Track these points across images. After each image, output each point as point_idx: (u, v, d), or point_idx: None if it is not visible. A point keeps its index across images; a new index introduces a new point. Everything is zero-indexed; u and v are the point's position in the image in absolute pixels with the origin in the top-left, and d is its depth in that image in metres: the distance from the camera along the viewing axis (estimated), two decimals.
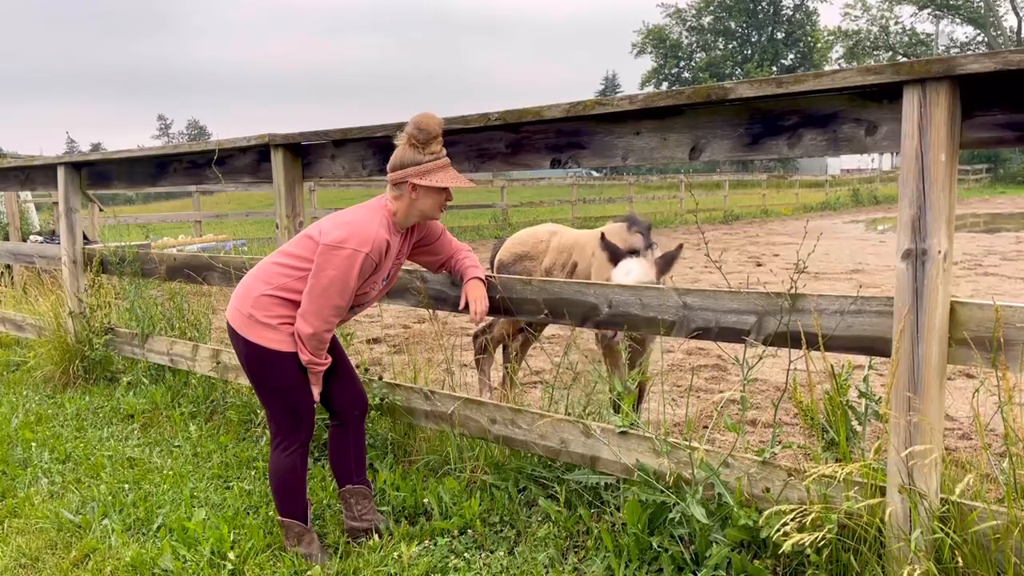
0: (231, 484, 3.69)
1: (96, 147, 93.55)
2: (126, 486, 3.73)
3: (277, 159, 4.00)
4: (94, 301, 5.57)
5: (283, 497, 2.94)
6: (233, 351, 4.49)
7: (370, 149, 3.68)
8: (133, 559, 2.98)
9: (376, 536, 3.06)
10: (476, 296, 3.14)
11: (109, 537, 3.22)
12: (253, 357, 2.82)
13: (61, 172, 5.57)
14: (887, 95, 2.23)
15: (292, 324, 2.80)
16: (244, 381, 4.49)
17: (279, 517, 2.98)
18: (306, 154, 4.02)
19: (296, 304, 2.80)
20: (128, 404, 4.92)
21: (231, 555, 2.95)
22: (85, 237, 5.97)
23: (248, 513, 3.36)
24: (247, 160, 4.35)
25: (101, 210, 11.93)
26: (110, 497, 3.59)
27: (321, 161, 3.94)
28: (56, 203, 9.79)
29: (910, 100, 2.11)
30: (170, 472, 3.86)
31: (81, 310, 5.55)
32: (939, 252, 2.12)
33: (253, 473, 3.80)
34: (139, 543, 3.16)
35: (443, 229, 3.17)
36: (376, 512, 3.15)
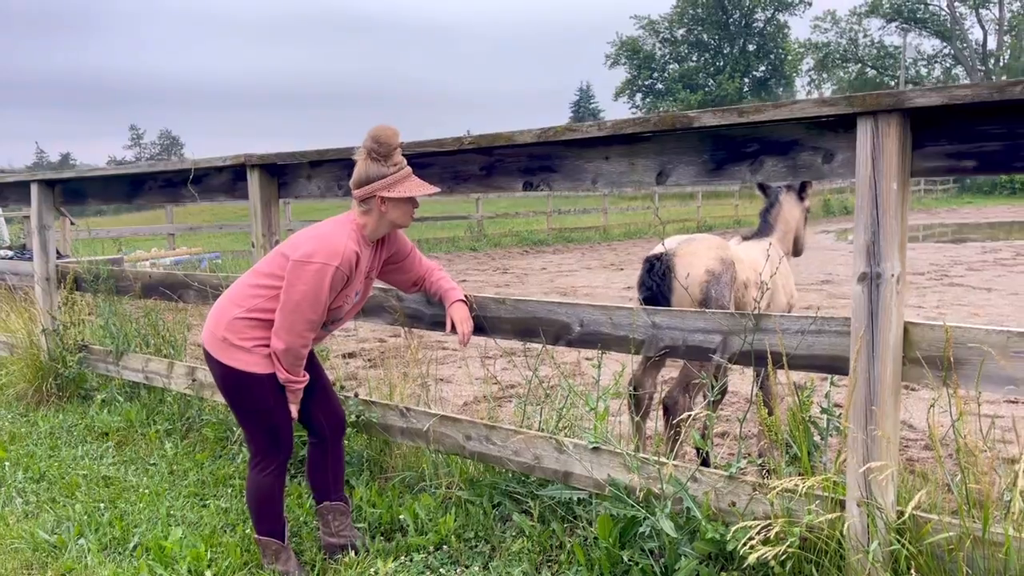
0: (208, 502, 3.71)
1: (66, 157, 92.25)
2: (102, 505, 3.73)
3: (253, 179, 4.04)
4: (67, 318, 5.56)
5: (260, 516, 2.97)
6: (207, 367, 4.51)
7: (346, 170, 3.72)
8: None
9: (352, 552, 3.10)
10: (461, 317, 3.19)
11: (85, 557, 3.23)
12: (229, 380, 2.84)
13: (35, 189, 5.56)
14: (842, 125, 2.33)
15: (267, 346, 2.83)
16: (220, 399, 4.51)
17: (256, 535, 3.01)
18: (282, 174, 4.06)
19: (270, 324, 2.82)
20: (102, 422, 4.91)
21: (208, 573, 2.98)
22: (57, 252, 5.95)
23: (225, 531, 3.38)
24: (223, 179, 4.38)
25: (73, 224, 11.86)
26: (85, 516, 3.60)
27: (297, 181, 3.99)
28: (27, 217, 9.71)
29: (863, 131, 2.21)
30: (146, 491, 3.87)
31: (54, 327, 5.53)
32: (892, 275, 2.22)
33: (230, 491, 3.82)
34: (115, 563, 3.18)
35: (412, 246, 3.21)
36: (353, 528, 3.20)
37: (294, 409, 2.94)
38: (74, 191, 5.54)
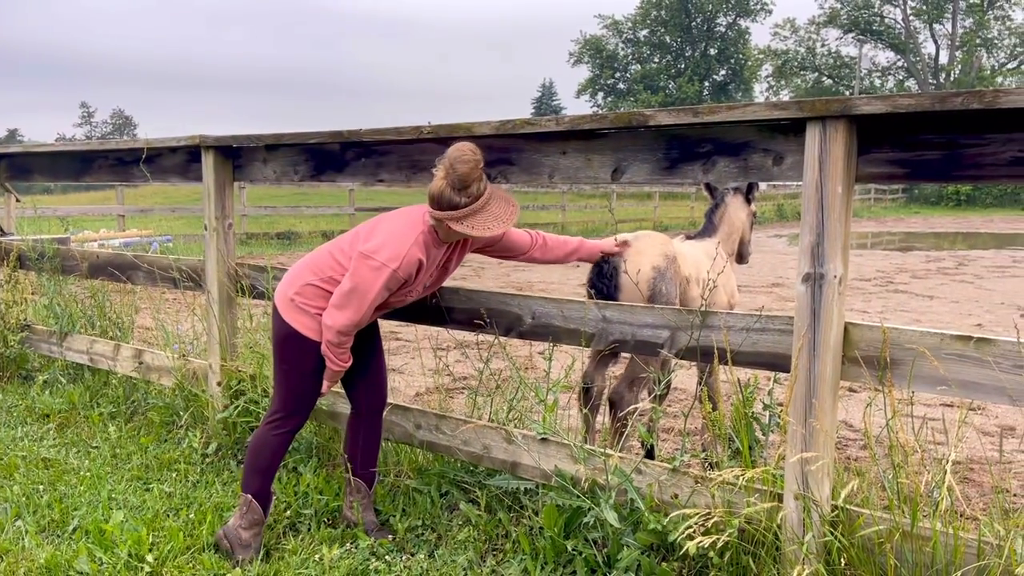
0: (151, 486, 3.66)
1: (13, 133, 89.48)
2: (40, 487, 3.66)
3: (208, 161, 3.99)
4: (9, 297, 5.42)
5: (252, 472, 3.03)
6: (154, 351, 4.45)
7: (303, 155, 3.70)
8: (48, 561, 2.94)
9: (347, 527, 3.20)
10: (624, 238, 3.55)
11: (23, 539, 3.16)
12: (283, 335, 2.95)
13: None
14: (793, 129, 2.39)
15: None
16: (167, 382, 4.45)
17: (243, 492, 3.04)
18: (237, 156, 4.01)
19: None
20: (44, 403, 4.80)
21: (149, 557, 2.94)
22: (0, 228, 5.80)
23: (168, 515, 3.34)
24: (177, 160, 4.31)
25: (19, 201, 11.52)
26: (24, 498, 3.52)
27: (252, 164, 3.94)
28: None
29: (812, 135, 2.27)
30: (87, 474, 3.80)
31: None
32: (835, 277, 2.29)
33: (174, 475, 3.77)
34: (54, 545, 3.12)
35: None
36: (369, 512, 3.22)
37: (326, 386, 3.02)
38: (20, 167, 5.40)
